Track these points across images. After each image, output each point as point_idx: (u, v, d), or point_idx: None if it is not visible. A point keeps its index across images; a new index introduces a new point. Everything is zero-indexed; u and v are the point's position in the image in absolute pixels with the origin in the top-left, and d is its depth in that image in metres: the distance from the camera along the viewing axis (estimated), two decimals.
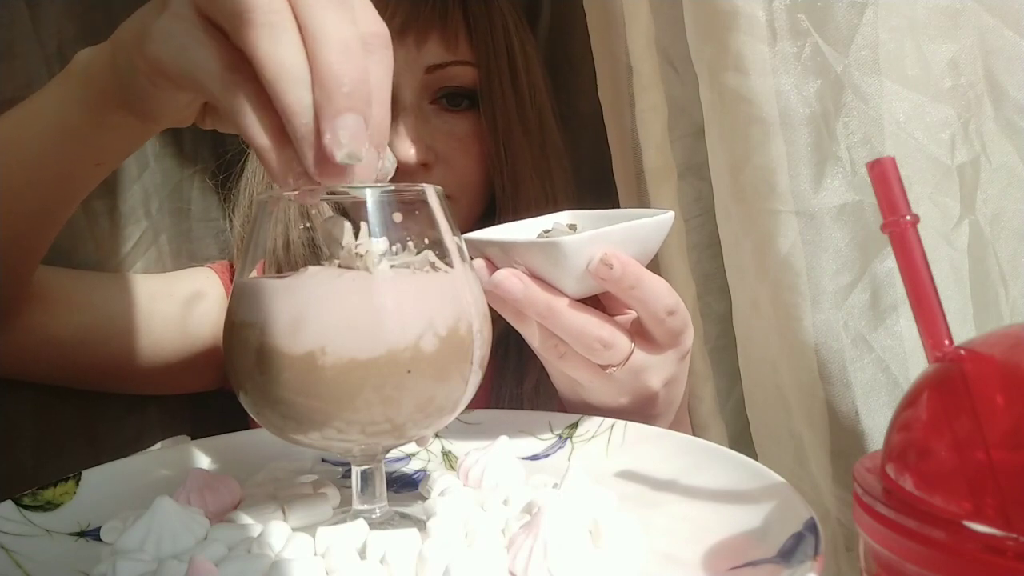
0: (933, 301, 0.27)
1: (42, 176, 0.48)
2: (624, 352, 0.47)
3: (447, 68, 0.66)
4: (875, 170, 0.29)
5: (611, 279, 0.44)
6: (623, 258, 0.44)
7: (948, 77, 0.50)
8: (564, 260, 0.44)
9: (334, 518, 0.41)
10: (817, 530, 0.32)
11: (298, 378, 0.34)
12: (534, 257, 0.45)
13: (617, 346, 0.46)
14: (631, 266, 0.44)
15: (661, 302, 0.46)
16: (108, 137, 0.47)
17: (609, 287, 0.45)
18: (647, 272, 0.46)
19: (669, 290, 0.46)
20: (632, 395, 0.49)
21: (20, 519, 0.40)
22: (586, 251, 0.44)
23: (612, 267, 0.44)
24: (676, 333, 0.48)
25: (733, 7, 0.50)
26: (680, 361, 0.50)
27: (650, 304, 0.46)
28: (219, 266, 0.74)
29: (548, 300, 0.45)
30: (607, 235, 0.45)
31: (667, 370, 0.49)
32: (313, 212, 0.40)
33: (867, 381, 0.52)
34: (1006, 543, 0.22)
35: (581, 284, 0.45)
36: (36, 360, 0.61)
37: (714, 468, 0.42)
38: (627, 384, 0.49)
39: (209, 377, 0.72)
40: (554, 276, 0.45)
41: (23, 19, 0.62)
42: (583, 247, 0.44)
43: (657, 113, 0.63)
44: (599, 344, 0.45)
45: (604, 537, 0.35)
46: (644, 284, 0.45)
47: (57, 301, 0.60)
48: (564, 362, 0.48)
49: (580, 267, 0.44)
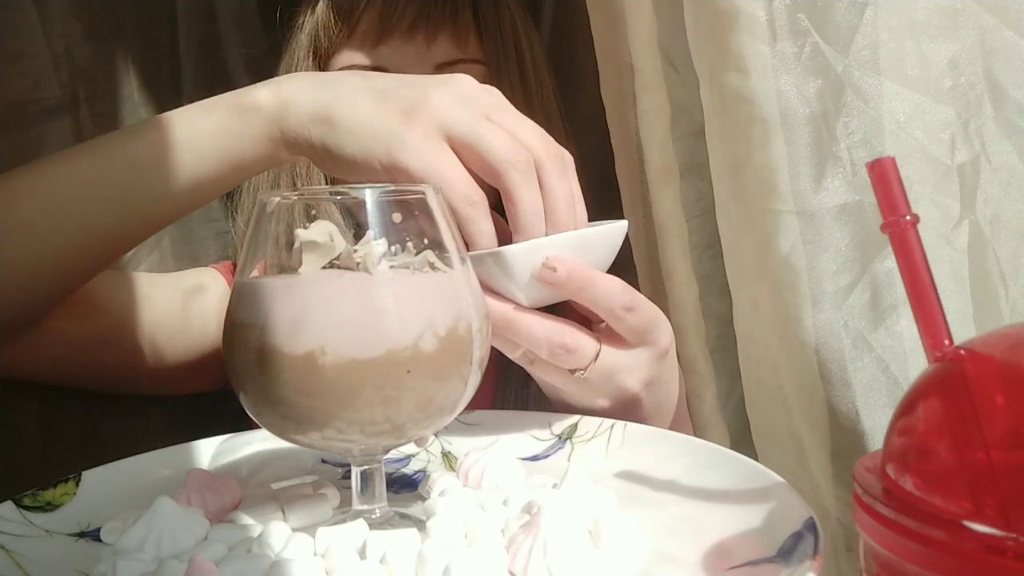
0: (933, 301, 0.27)
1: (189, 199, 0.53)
2: (589, 354, 0.47)
3: (457, 66, 0.66)
4: (875, 170, 0.29)
5: (558, 283, 0.45)
6: (567, 261, 0.45)
7: (948, 77, 0.50)
8: (511, 268, 0.45)
9: (334, 518, 0.41)
10: (816, 530, 0.32)
11: (298, 378, 0.34)
12: (486, 266, 0.46)
13: (580, 349, 0.46)
14: (577, 268, 0.45)
15: (616, 300, 0.46)
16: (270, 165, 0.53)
17: (560, 292, 0.46)
18: (597, 272, 0.46)
19: (624, 287, 0.47)
20: (610, 397, 0.50)
21: (20, 519, 0.40)
22: (530, 259, 0.45)
23: (556, 271, 0.45)
24: (641, 330, 0.48)
25: (733, 7, 0.50)
26: (659, 361, 0.50)
27: (604, 303, 0.46)
28: (222, 266, 0.74)
29: (503, 310, 0.46)
30: (550, 243, 0.46)
31: (643, 371, 0.49)
32: (314, 212, 0.40)
33: (867, 381, 0.52)
34: (1006, 543, 0.22)
35: (533, 293, 0.46)
36: (53, 361, 0.61)
37: (714, 468, 0.42)
38: (602, 386, 0.49)
39: (213, 377, 0.72)
40: (505, 286, 0.46)
41: (31, 20, 0.63)
42: (526, 255, 0.45)
43: (660, 113, 0.63)
44: (561, 349, 0.46)
45: (604, 537, 0.35)
46: (595, 284, 0.46)
47: (79, 303, 0.60)
48: (536, 368, 0.49)
49: (529, 274, 0.45)
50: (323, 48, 0.69)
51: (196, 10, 0.78)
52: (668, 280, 0.65)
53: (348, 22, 0.67)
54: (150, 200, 0.53)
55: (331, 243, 0.35)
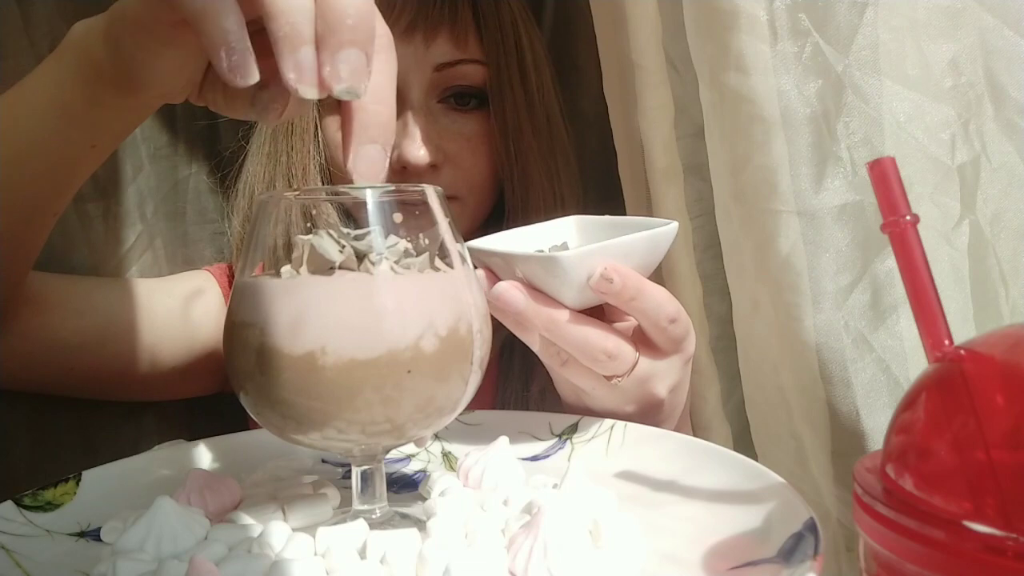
0: (933, 301, 0.27)
1: (37, 161, 0.47)
2: (629, 362, 0.46)
3: (456, 66, 0.65)
4: (875, 170, 0.29)
5: (612, 292, 0.44)
6: (623, 271, 0.44)
7: (948, 77, 0.50)
8: (564, 274, 0.44)
9: (334, 518, 0.41)
10: (817, 530, 0.32)
11: (298, 378, 0.34)
12: (535, 269, 0.45)
13: (622, 357, 0.46)
14: (631, 278, 0.44)
15: (663, 311, 0.46)
16: (103, 115, 0.46)
17: (610, 300, 0.45)
18: (647, 282, 0.46)
19: (670, 298, 0.46)
20: (638, 403, 0.49)
21: (20, 519, 0.40)
22: (587, 265, 0.44)
23: (612, 281, 0.44)
24: (679, 339, 0.48)
25: (734, 7, 0.50)
26: (684, 366, 0.50)
27: (651, 314, 0.46)
28: (216, 269, 0.73)
29: (550, 313, 0.45)
30: (607, 249, 0.45)
31: (672, 377, 0.49)
32: (314, 212, 0.40)
33: (868, 381, 0.52)
34: (1006, 543, 0.22)
35: (582, 296, 0.45)
36: (35, 366, 0.60)
37: (714, 468, 0.42)
38: (632, 392, 0.48)
39: (208, 381, 0.72)
40: (555, 289, 0.45)
41: (14, 19, 0.62)
42: (583, 261, 0.44)
43: (664, 112, 0.63)
44: (604, 356, 0.45)
45: (604, 537, 0.35)
46: (645, 295, 0.45)
47: (54, 305, 0.59)
48: (567, 369, 0.48)
49: (580, 280, 0.44)
50: None
51: None
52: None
53: None
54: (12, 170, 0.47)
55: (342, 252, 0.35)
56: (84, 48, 0.43)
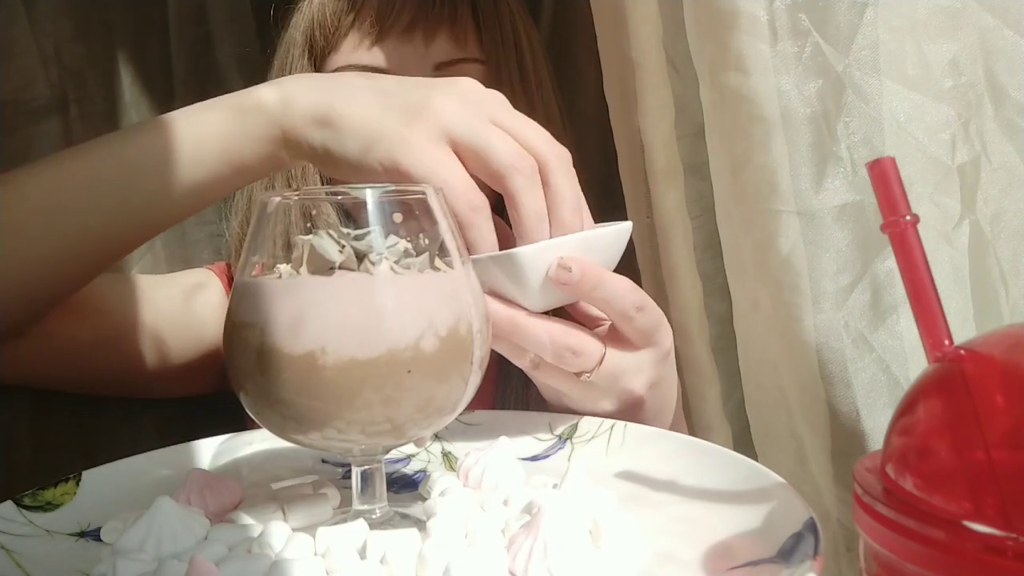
0: (933, 301, 0.27)
1: (195, 200, 0.53)
2: (595, 357, 0.46)
3: (456, 65, 0.65)
4: (875, 170, 0.29)
5: (571, 282, 0.44)
6: (581, 260, 0.45)
7: (948, 77, 0.50)
8: (522, 271, 0.44)
9: (334, 518, 0.41)
10: (817, 530, 0.32)
11: (298, 378, 0.34)
12: (493, 272, 0.45)
13: (587, 351, 0.46)
14: (590, 268, 0.45)
15: (627, 299, 0.46)
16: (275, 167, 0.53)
17: (571, 291, 0.46)
18: (608, 272, 0.46)
19: (633, 287, 0.47)
20: (615, 400, 0.49)
21: (20, 519, 0.40)
22: (544, 260, 0.45)
23: (571, 270, 0.44)
24: (648, 331, 0.48)
25: (734, 7, 0.50)
26: (661, 362, 0.50)
27: (616, 303, 0.46)
28: (217, 267, 0.74)
29: (510, 314, 0.45)
30: (562, 244, 0.45)
31: (648, 372, 0.49)
32: (314, 212, 0.40)
33: (868, 381, 0.52)
34: (1006, 543, 0.22)
35: (543, 296, 0.46)
36: (52, 365, 0.60)
37: (714, 468, 0.42)
38: (608, 389, 0.48)
39: (212, 377, 0.72)
40: (515, 289, 0.45)
41: (20, 19, 0.62)
42: (539, 256, 0.45)
43: (664, 112, 0.63)
44: (568, 352, 0.45)
45: (604, 537, 0.35)
46: (607, 284, 0.45)
47: (75, 305, 0.59)
48: (540, 372, 0.48)
49: (539, 276, 0.45)
50: (319, 47, 0.69)
51: (187, 10, 0.77)
52: (672, 280, 0.65)
53: (345, 21, 0.67)
54: (148, 203, 0.52)
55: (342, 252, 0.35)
56: (281, 122, 0.50)
